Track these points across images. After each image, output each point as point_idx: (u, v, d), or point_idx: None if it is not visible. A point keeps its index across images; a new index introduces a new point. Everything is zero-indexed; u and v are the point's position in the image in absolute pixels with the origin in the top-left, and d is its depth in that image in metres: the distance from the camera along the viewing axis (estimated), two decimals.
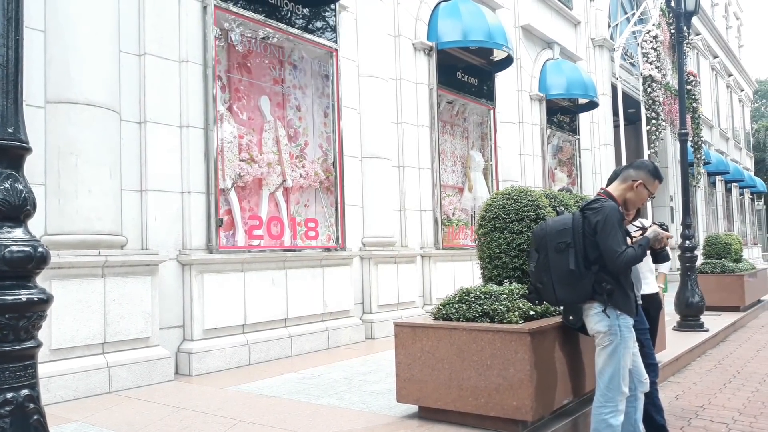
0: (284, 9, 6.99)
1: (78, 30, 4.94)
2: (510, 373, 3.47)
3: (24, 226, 2.04)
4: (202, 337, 5.72)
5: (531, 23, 12.22)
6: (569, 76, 12.58)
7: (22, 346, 1.96)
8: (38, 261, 2.02)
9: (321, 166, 7.43)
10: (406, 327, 3.92)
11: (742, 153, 31.15)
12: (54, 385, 4.51)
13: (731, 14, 31.69)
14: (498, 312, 3.65)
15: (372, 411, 4.19)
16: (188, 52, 5.90)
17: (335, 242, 7.44)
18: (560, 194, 5.04)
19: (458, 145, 10.37)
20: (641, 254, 3.07)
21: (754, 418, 4.44)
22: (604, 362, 3.11)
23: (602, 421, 3.09)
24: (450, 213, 9.83)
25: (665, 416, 4.00)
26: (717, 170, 23.03)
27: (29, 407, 1.95)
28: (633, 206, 3.35)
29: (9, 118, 2.00)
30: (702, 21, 24.01)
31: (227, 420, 4.03)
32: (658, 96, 15.17)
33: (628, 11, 17.41)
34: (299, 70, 7.34)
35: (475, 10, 9.52)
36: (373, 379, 5.21)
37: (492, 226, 4.36)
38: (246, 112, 6.62)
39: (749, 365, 6.46)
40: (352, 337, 7.31)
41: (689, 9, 8.95)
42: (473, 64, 10.39)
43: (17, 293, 1.95)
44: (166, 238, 5.65)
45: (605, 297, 3.07)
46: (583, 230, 3.10)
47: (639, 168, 3.31)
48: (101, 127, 5.03)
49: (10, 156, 2.01)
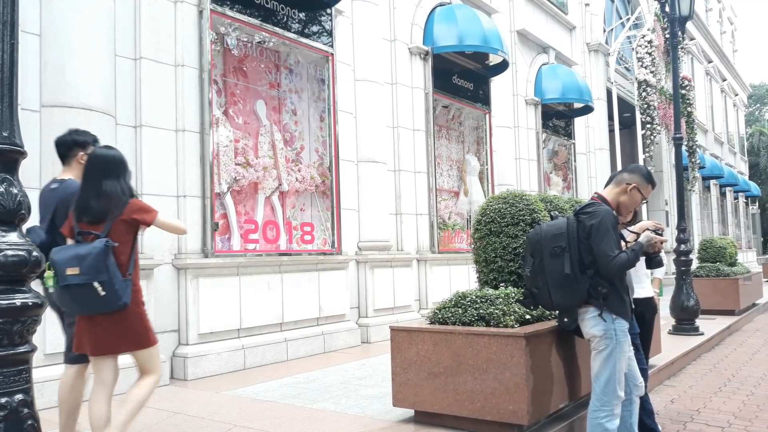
0: (280, 13, 7.00)
1: (73, 34, 4.93)
2: (506, 377, 3.47)
3: (19, 231, 2.04)
4: (197, 342, 5.70)
5: (526, 28, 12.27)
6: (564, 81, 12.62)
7: (16, 350, 1.96)
8: (33, 265, 2.02)
9: (317, 170, 7.43)
10: (402, 331, 3.92)
11: (736, 157, 31.28)
12: (48, 389, 4.49)
13: (725, 19, 31.86)
14: (494, 316, 3.66)
15: (368, 415, 4.18)
16: (184, 56, 5.90)
17: (331, 246, 7.44)
18: (555, 198, 5.06)
19: (454, 149, 10.39)
20: (634, 259, 3.08)
21: (749, 422, 4.45)
22: (600, 366, 3.12)
23: (598, 425, 3.09)
24: (446, 217, 9.84)
25: (660, 420, 4.01)
26: (712, 174, 23.11)
27: (23, 412, 1.95)
28: (626, 210, 3.36)
29: (4, 122, 2.00)
30: (696, 26, 24.14)
31: (223, 425, 4.02)
32: (653, 100, 15.24)
33: (623, 16, 17.50)
34: (295, 74, 7.35)
35: (471, 14, 9.55)
36: (369, 384, 5.20)
37: (488, 230, 4.37)
38: (242, 116, 6.62)
39: (744, 369, 6.47)
40: (348, 342, 7.30)
41: (683, 14, 8.99)
42: (469, 69, 10.42)
43: (11, 297, 1.95)
44: (162, 242, 5.63)
45: (601, 301, 3.08)
46: (578, 234, 3.10)
47: (633, 172, 3.32)
48: (97, 130, 4.92)
49: (5, 160, 2.01)
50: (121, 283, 2.89)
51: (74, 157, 3.46)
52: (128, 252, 3.01)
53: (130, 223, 3.02)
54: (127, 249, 3.01)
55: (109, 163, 3.09)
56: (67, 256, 2.84)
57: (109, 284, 2.84)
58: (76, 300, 2.89)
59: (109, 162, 3.09)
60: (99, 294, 2.83)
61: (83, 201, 3.01)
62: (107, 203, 2.98)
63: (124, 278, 2.93)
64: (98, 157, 3.10)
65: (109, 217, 2.98)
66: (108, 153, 3.15)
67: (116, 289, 2.87)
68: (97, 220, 2.98)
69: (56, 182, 3.43)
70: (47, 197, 3.40)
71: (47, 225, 3.32)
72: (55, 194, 3.34)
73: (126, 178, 3.12)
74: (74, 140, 3.47)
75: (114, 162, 3.11)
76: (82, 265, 2.81)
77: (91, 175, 3.04)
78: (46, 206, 3.37)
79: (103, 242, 2.87)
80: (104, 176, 3.03)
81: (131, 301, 2.96)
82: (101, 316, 2.93)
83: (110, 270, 2.85)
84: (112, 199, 2.99)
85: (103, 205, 2.98)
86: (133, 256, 3.04)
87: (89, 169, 3.08)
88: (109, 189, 3.00)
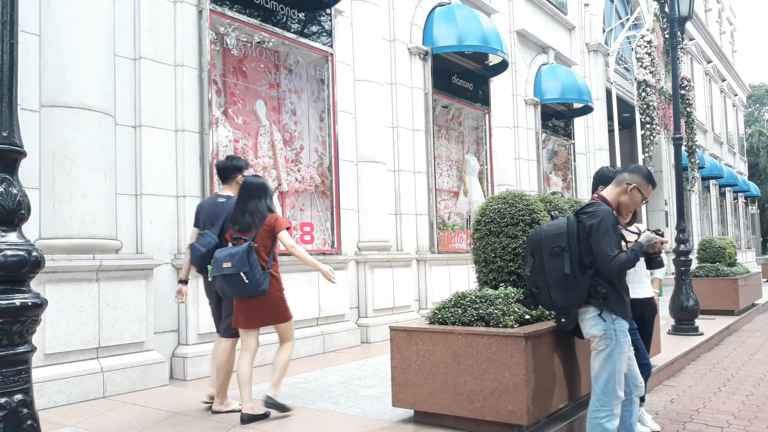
0: (280, 13, 7.00)
1: (73, 34, 4.93)
2: (505, 377, 3.47)
3: (18, 230, 2.04)
4: (197, 342, 5.70)
5: (526, 28, 12.27)
6: (564, 81, 12.63)
7: (15, 350, 1.95)
8: (32, 265, 2.02)
9: (316, 170, 7.43)
10: (401, 331, 3.91)
11: (735, 157, 31.30)
12: (48, 389, 4.49)
13: (725, 20, 31.88)
14: (493, 316, 3.66)
15: (367, 415, 4.18)
16: (183, 56, 5.90)
17: (331, 246, 7.44)
18: (555, 198, 5.06)
19: (453, 150, 10.39)
20: (634, 259, 3.07)
21: (748, 422, 4.45)
22: (600, 366, 3.12)
23: (598, 425, 3.09)
24: (445, 217, 9.84)
25: (660, 420, 4.01)
26: (711, 174, 23.12)
27: (23, 412, 1.94)
28: (626, 210, 3.36)
29: (3, 122, 1.99)
30: (696, 26, 24.15)
31: (222, 425, 4.01)
32: (653, 101, 15.25)
33: (622, 16, 17.50)
34: (295, 75, 7.35)
35: (470, 14, 9.56)
36: (369, 384, 5.20)
37: (487, 230, 4.37)
38: (241, 116, 6.62)
39: (744, 369, 6.47)
40: (348, 342, 7.30)
41: (683, 14, 9.00)
42: (468, 69, 10.42)
43: (11, 297, 1.95)
44: (161, 243, 5.63)
45: (601, 301, 3.08)
46: (578, 234, 3.10)
47: (633, 172, 3.32)
48: (96, 131, 5.02)
49: (4, 160, 2.00)
50: (260, 274, 3.95)
51: (234, 178, 4.50)
52: (268, 252, 4.08)
53: (269, 231, 4.07)
54: (267, 250, 4.08)
55: (254, 188, 4.16)
56: (224, 254, 3.97)
57: (250, 274, 3.90)
58: (230, 286, 3.97)
59: (254, 187, 4.16)
60: (244, 281, 3.90)
61: (236, 216, 4.13)
62: (252, 218, 4.07)
63: (263, 271, 3.98)
64: (247, 184, 4.19)
65: (254, 227, 4.05)
66: (254, 180, 4.23)
67: (256, 279, 3.92)
68: (246, 229, 4.07)
69: (223, 197, 4.45)
70: (216, 208, 4.40)
71: (218, 230, 4.32)
72: (225, 207, 4.35)
73: (267, 198, 4.17)
74: (233, 165, 4.52)
75: (258, 187, 4.17)
76: (233, 261, 3.90)
77: (241, 197, 4.14)
78: (216, 215, 4.37)
79: (246, 245, 3.94)
80: (250, 198, 4.11)
81: (271, 287, 4.02)
82: (250, 299, 3.99)
83: (252, 264, 3.91)
84: (256, 215, 4.08)
85: (248, 219, 4.07)
86: (272, 255, 4.10)
87: (241, 192, 4.17)
88: (253, 207, 4.09)
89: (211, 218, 4.38)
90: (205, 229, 4.37)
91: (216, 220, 4.34)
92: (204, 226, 4.39)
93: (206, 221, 4.40)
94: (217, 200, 4.44)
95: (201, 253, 4.23)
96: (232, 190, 4.43)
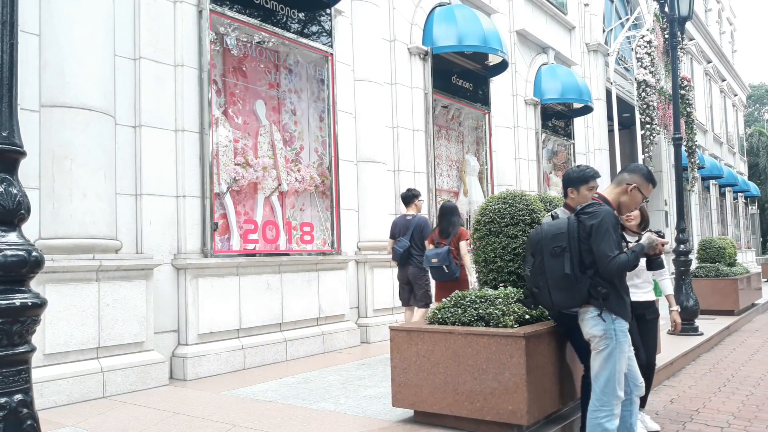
0: (280, 13, 7.00)
1: (73, 34, 4.93)
2: (505, 377, 3.47)
3: (18, 230, 2.03)
4: (196, 342, 5.70)
5: (526, 28, 12.27)
6: (564, 81, 12.62)
7: (15, 350, 1.95)
8: (32, 265, 2.01)
9: (316, 170, 7.43)
10: (401, 331, 3.92)
11: (735, 157, 31.30)
12: (48, 389, 4.49)
13: (724, 20, 31.88)
14: (493, 316, 3.66)
15: (367, 415, 4.18)
16: (183, 56, 5.90)
17: (330, 246, 7.44)
18: (555, 198, 5.06)
19: (453, 150, 10.40)
20: (634, 260, 3.07)
21: (748, 422, 4.45)
22: (600, 366, 3.11)
23: (598, 425, 3.09)
24: None
25: (659, 420, 4.01)
26: (711, 174, 23.12)
27: (22, 412, 1.94)
28: (627, 210, 3.36)
29: (3, 122, 1.99)
30: (695, 26, 24.15)
31: (222, 425, 4.01)
32: (653, 101, 15.25)
33: (622, 16, 17.50)
34: (295, 75, 7.35)
35: (470, 15, 9.55)
36: (369, 384, 5.20)
37: (487, 230, 4.37)
38: (241, 116, 6.62)
39: (744, 369, 6.48)
40: (348, 342, 7.30)
41: (683, 14, 9.00)
42: (468, 69, 10.42)
43: (11, 297, 1.94)
44: (161, 243, 5.63)
45: (601, 301, 3.08)
46: (578, 234, 3.10)
47: (633, 171, 3.31)
48: (96, 131, 5.02)
49: (4, 160, 2.00)
50: (455, 267, 5.96)
51: (413, 202, 6.65)
52: (457, 252, 6.05)
53: (459, 239, 6.10)
54: (457, 251, 6.06)
55: (451, 209, 6.28)
56: (433, 253, 6.03)
57: (450, 267, 5.93)
58: (436, 274, 6.06)
59: (450, 209, 6.28)
60: (445, 272, 5.96)
61: (440, 228, 6.24)
62: (451, 230, 6.14)
63: (456, 264, 5.98)
64: (446, 207, 6.29)
65: (450, 235, 6.10)
66: (449, 205, 6.33)
67: (453, 270, 5.94)
68: (445, 236, 6.14)
69: (409, 216, 6.57)
70: (406, 223, 6.50)
71: (408, 238, 6.38)
72: (411, 223, 6.47)
73: (457, 216, 6.29)
74: (413, 194, 6.70)
75: (453, 209, 6.31)
76: (438, 258, 5.95)
77: (444, 215, 6.24)
78: (406, 227, 6.46)
79: (447, 248, 6.01)
80: (451, 215, 6.22)
81: (461, 276, 6.03)
82: (448, 282, 5.94)
83: (450, 260, 5.94)
84: (452, 228, 6.14)
85: (449, 230, 6.14)
86: (458, 255, 6.06)
87: (443, 212, 6.27)
88: (454, 222, 6.18)
89: (402, 230, 6.47)
90: (400, 237, 6.43)
91: (406, 230, 6.43)
92: (399, 235, 6.46)
93: (400, 232, 6.47)
94: (405, 218, 6.56)
95: (400, 253, 6.35)
96: (413, 210, 6.61)
